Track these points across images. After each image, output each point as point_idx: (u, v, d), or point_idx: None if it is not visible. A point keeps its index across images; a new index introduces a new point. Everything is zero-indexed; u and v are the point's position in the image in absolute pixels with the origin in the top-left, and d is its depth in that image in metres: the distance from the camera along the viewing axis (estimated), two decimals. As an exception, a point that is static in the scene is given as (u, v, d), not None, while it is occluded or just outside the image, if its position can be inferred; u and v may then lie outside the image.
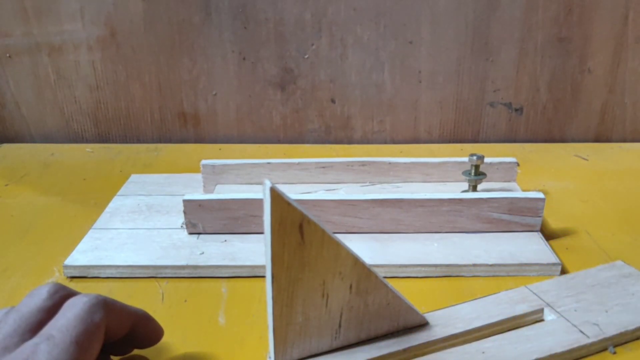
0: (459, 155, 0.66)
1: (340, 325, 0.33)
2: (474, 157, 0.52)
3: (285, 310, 0.31)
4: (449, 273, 0.44)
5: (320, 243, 0.30)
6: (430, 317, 0.36)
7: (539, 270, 0.44)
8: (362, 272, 0.32)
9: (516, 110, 0.72)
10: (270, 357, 0.32)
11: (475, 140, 0.74)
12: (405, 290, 0.36)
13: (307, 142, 0.74)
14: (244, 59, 0.70)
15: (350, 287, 0.32)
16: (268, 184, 0.27)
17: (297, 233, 0.29)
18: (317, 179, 0.57)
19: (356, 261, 0.31)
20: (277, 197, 0.27)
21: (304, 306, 0.31)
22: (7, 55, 0.70)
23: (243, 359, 0.35)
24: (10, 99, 0.73)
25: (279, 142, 0.74)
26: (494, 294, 0.39)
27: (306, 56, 0.70)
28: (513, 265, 0.44)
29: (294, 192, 0.32)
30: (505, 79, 0.71)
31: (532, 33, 0.68)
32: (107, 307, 0.30)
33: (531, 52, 0.69)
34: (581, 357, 0.35)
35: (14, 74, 0.71)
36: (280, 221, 0.28)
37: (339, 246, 0.30)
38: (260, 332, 0.38)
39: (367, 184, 0.57)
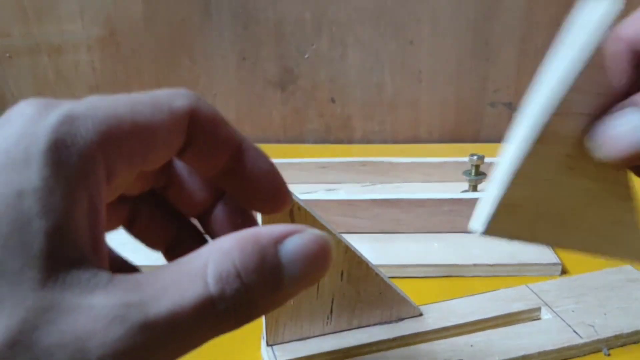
0: (459, 155, 0.66)
1: (331, 311, 0.33)
2: (475, 157, 0.52)
3: None
4: (449, 273, 0.44)
5: None
6: (425, 309, 0.37)
7: (539, 270, 0.44)
8: (354, 260, 0.32)
9: (517, 110, 0.72)
10: (263, 337, 0.33)
11: (475, 140, 0.74)
12: (406, 290, 0.36)
13: (307, 142, 0.74)
14: (243, 59, 0.70)
15: (342, 274, 0.32)
16: None
17: (287, 218, 0.29)
18: (317, 179, 0.57)
19: (347, 249, 0.32)
20: None
21: None
22: (7, 55, 0.70)
23: (243, 359, 0.35)
24: (10, 99, 0.73)
25: (278, 142, 0.74)
26: (493, 290, 0.39)
27: (306, 56, 0.70)
28: (513, 265, 0.44)
29: (293, 192, 0.33)
30: (505, 79, 0.71)
31: (532, 33, 0.68)
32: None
33: (531, 52, 0.69)
34: (573, 357, 0.35)
35: (14, 74, 0.71)
36: None
37: (330, 233, 0.31)
38: (260, 332, 0.37)
39: (367, 184, 0.57)
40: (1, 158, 0.15)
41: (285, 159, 0.57)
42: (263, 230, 0.17)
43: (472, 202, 0.47)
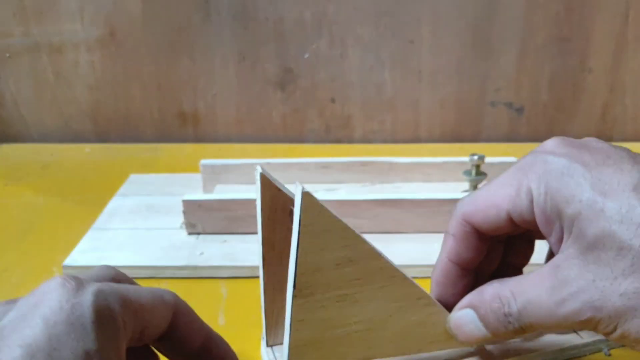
0: (460, 155, 0.66)
1: None
2: (475, 157, 0.52)
3: (276, 294, 0.31)
4: (449, 273, 0.44)
5: None
6: None
7: (540, 271, 0.43)
8: None
9: (517, 109, 0.72)
10: (263, 338, 0.33)
11: (476, 139, 0.73)
12: (406, 290, 0.36)
13: (307, 142, 0.74)
14: (243, 58, 0.70)
15: None
16: (259, 169, 0.28)
17: (288, 219, 0.29)
18: (317, 179, 0.57)
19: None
20: (267, 183, 0.28)
21: None
22: (7, 55, 0.70)
23: (243, 359, 0.35)
24: (10, 98, 0.72)
25: (278, 141, 0.74)
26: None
27: (306, 56, 0.70)
28: (514, 266, 0.44)
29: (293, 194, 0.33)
30: (506, 79, 0.70)
31: (532, 32, 0.68)
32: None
33: (532, 51, 0.69)
34: (573, 357, 0.34)
35: (13, 74, 0.71)
36: (270, 206, 0.28)
37: None
38: (260, 332, 0.37)
39: (367, 184, 0.57)
40: (64, 326, 0.20)
41: (285, 159, 0.57)
42: None
43: (473, 202, 0.47)
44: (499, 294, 0.26)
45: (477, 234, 0.28)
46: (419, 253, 0.45)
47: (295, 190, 0.24)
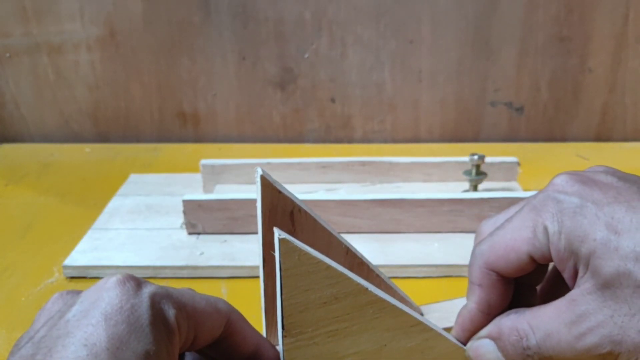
0: (460, 154, 0.66)
1: None
2: (475, 157, 0.52)
3: (276, 294, 0.31)
4: (449, 273, 0.44)
5: (312, 231, 0.30)
6: (425, 309, 0.36)
7: (539, 271, 0.43)
8: (354, 261, 0.32)
9: (517, 109, 0.72)
10: None
11: (476, 139, 0.73)
12: (406, 290, 0.36)
13: (307, 142, 0.74)
14: (243, 58, 0.70)
15: None
16: (259, 171, 0.28)
17: (288, 220, 0.29)
18: (317, 179, 0.57)
19: (348, 250, 0.31)
20: (267, 185, 0.28)
21: None
22: (7, 55, 0.70)
23: None
24: (10, 99, 0.73)
25: (278, 141, 0.74)
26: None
27: (306, 56, 0.70)
28: (514, 266, 0.44)
29: (293, 192, 0.33)
30: (505, 79, 0.70)
31: (532, 32, 0.68)
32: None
33: (532, 51, 0.69)
34: None
35: (13, 74, 0.71)
36: (270, 208, 0.28)
37: (331, 235, 0.31)
38: (260, 333, 0.37)
39: (367, 184, 0.57)
40: (124, 326, 0.21)
41: (285, 159, 0.57)
42: None
43: (473, 202, 0.47)
44: (516, 327, 0.27)
45: (503, 280, 0.29)
46: (418, 253, 0.46)
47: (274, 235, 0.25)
